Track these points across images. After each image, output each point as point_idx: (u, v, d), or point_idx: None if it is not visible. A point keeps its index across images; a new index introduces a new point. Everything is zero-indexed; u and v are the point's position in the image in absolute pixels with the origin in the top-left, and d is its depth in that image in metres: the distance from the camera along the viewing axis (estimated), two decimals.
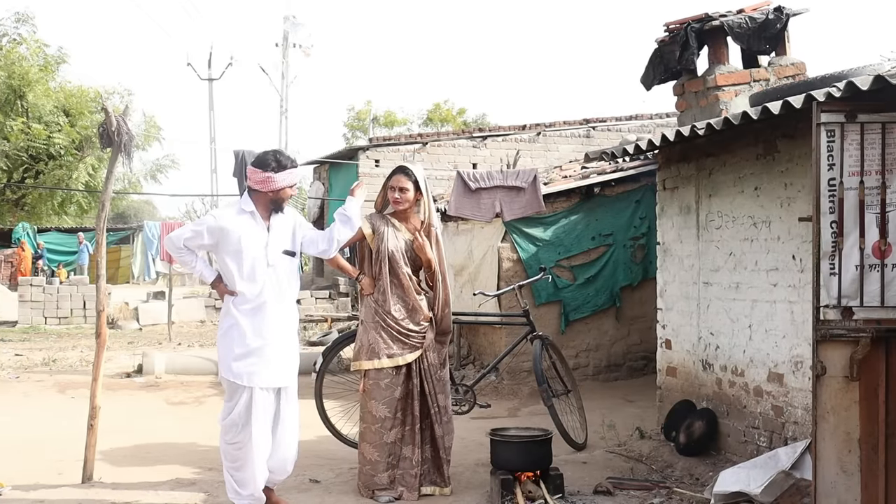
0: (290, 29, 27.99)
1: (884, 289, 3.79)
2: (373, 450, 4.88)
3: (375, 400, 4.88)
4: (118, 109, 5.42)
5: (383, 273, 4.96)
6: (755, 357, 5.19)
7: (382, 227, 5.03)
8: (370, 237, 5.02)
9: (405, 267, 5.00)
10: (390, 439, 4.88)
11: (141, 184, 28.33)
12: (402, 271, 4.98)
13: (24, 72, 22.76)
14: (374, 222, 5.07)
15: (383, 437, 4.87)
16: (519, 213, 8.22)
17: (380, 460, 4.86)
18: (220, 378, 4.62)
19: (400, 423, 4.92)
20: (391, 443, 4.89)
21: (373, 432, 4.88)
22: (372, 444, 4.88)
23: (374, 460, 4.88)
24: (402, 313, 4.96)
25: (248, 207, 4.49)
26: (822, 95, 3.82)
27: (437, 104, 38.80)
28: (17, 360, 11.45)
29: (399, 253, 4.99)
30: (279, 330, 4.48)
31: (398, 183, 5.03)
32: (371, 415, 4.89)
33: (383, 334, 4.91)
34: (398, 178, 5.04)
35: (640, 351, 9.07)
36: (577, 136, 19.87)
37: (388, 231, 5.01)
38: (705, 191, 5.73)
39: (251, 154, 12.06)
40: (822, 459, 3.83)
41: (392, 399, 4.89)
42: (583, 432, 6.36)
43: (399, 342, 4.92)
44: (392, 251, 4.97)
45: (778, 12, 5.67)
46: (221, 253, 4.47)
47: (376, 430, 4.87)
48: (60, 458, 5.75)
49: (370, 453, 4.89)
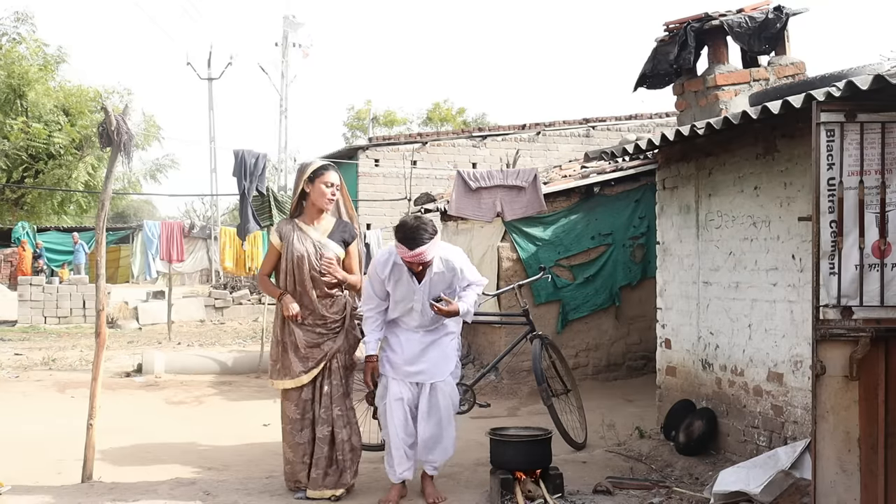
0: (289, 29, 27.94)
1: (883, 288, 3.79)
2: (289, 449, 4.89)
3: (289, 401, 4.88)
4: (118, 109, 5.42)
5: (289, 281, 4.81)
6: (755, 356, 5.19)
7: (289, 233, 4.85)
8: (279, 245, 4.88)
9: (313, 272, 4.80)
10: (303, 440, 4.85)
11: (140, 183, 28.32)
12: (308, 276, 4.80)
13: (24, 71, 22.74)
14: (281, 230, 4.90)
15: (296, 438, 4.85)
16: (520, 213, 8.21)
17: (296, 459, 4.86)
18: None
19: (310, 424, 4.87)
20: (304, 443, 4.85)
21: (287, 432, 4.89)
22: (288, 443, 4.90)
23: (291, 459, 4.88)
24: (310, 326, 4.82)
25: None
26: (822, 95, 3.82)
27: (437, 104, 38.81)
28: (16, 360, 11.44)
29: (306, 257, 4.80)
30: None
31: (333, 179, 4.86)
32: (286, 416, 4.90)
33: (290, 351, 4.82)
34: (332, 175, 4.86)
35: (640, 350, 9.07)
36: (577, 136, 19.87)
37: (294, 235, 4.83)
38: (705, 190, 5.73)
39: (251, 154, 12.05)
40: (822, 459, 3.83)
41: (301, 401, 4.85)
42: (582, 432, 6.36)
43: (303, 360, 4.82)
44: (299, 256, 4.79)
45: (778, 12, 5.67)
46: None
47: (289, 430, 4.88)
48: (60, 458, 5.75)
49: (287, 452, 4.91)
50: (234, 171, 12.03)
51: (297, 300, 4.84)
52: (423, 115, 38.87)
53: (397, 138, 21.05)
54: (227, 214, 39.94)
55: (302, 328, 4.84)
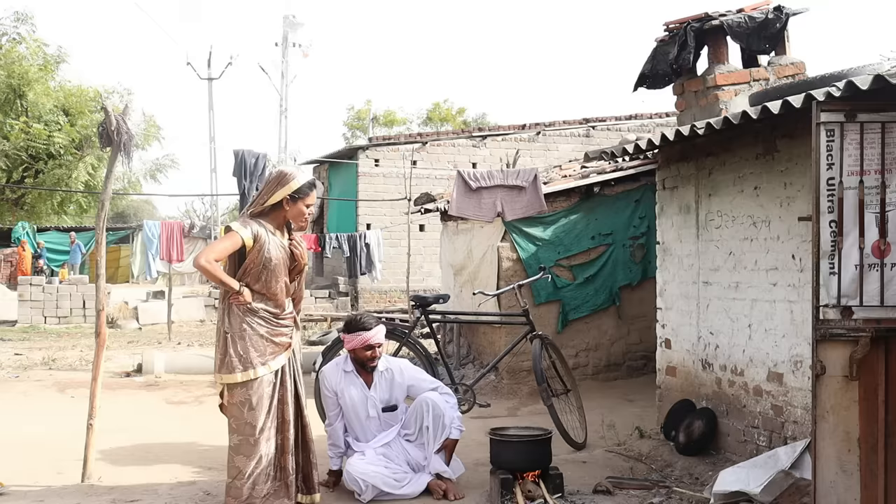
0: (289, 29, 27.97)
1: (883, 288, 3.79)
2: (251, 461, 4.52)
3: (255, 409, 4.53)
4: (118, 109, 5.42)
5: (260, 282, 4.59)
6: (755, 356, 5.19)
7: (263, 234, 4.59)
8: (249, 246, 4.55)
9: (284, 276, 4.67)
10: (271, 449, 4.58)
11: (140, 183, 28.32)
12: (280, 279, 4.65)
13: (24, 71, 22.74)
14: (254, 229, 4.59)
15: (262, 448, 4.53)
16: (521, 213, 8.21)
17: (259, 472, 4.53)
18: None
19: (276, 430, 4.63)
20: (270, 453, 4.58)
21: (251, 444, 4.53)
22: (249, 456, 4.53)
23: (252, 472, 4.52)
24: (271, 319, 4.63)
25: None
26: (822, 95, 3.82)
27: (437, 103, 38.84)
28: (16, 360, 11.45)
29: (281, 262, 4.63)
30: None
31: (314, 200, 4.74)
32: (250, 425, 4.53)
33: (255, 343, 4.56)
34: (314, 196, 4.72)
35: (640, 350, 9.06)
36: (577, 136, 19.88)
37: (269, 239, 4.60)
38: (705, 190, 5.73)
39: (251, 154, 12.06)
40: (822, 459, 3.83)
41: (270, 406, 4.59)
42: (582, 432, 6.36)
43: (270, 346, 4.61)
44: (276, 261, 4.60)
45: (778, 12, 5.67)
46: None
47: (255, 440, 4.53)
48: (60, 458, 5.75)
49: (247, 465, 4.52)
50: (234, 170, 12.06)
51: (264, 301, 4.63)
52: (423, 115, 38.90)
53: (397, 138, 21.06)
54: (227, 214, 39.94)
55: (264, 321, 4.62)
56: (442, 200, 9.78)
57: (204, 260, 4.45)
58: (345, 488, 4.98)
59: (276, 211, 4.67)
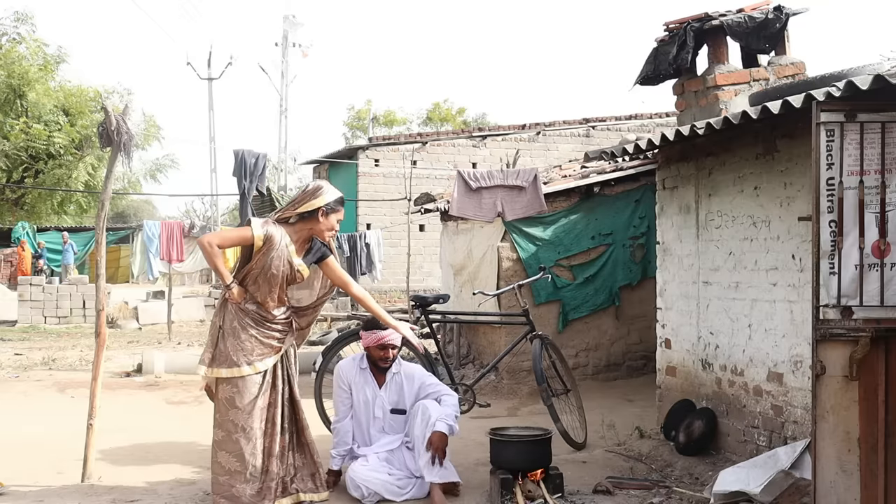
0: (289, 28, 27.97)
1: (883, 288, 3.79)
2: (233, 459, 4.54)
3: (238, 408, 4.54)
4: (118, 109, 5.42)
5: (255, 285, 4.61)
6: (755, 356, 5.19)
7: (276, 241, 4.56)
8: (258, 246, 4.55)
9: (279, 289, 4.67)
10: (257, 449, 4.57)
11: (140, 183, 28.34)
12: (274, 290, 4.65)
13: (24, 71, 22.76)
14: (270, 232, 4.57)
15: (245, 447, 4.54)
16: (521, 213, 8.21)
17: (241, 471, 4.53)
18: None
19: (263, 432, 4.61)
20: (255, 453, 4.57)
21: (233, 441, 4.54)
22: (232, 452, 4.54)
23: (234, 470, 4.54)
24: (261, 321, 4.64)
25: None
26: (822, 95, 3.82)
27: (437, 103, 38.86)
28: (16, 360, 11.45)
29: (280, 276, 4.60)
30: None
31: (342, 216, 4.80)
32: (233, 423, 4.54)
33: (243, 341, 4.57)
34: (342, 211, 4.79)
35: (640, 350, 9.06)
36: (577, 136, 19.89)
37: (280, 249, 4.57)
38: (705, 190, 5.73)
39: (251, 154, 12.05)
40: (822, 459, 3.83)
41: (254, 407, 4.57)
42: (582, 432, 6.36)
43: (259, 347, 4.61)
44: (276, 273, 4.58)
45: (778, 12, 5.67)
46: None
47: (237, 439, 4.53)
48: (60, 458, 5.75)
49: (230, 463, 4.54)
50: (234, 170, 12.05)
51: (257, 302, 4.66)
52: (423, 115, 38.92)
53: (397, 138, 21.07)
54: (227, 214, 39.96)
55: (257, 320, 4.65)
56: (442, 200, 9.78)
57: (207, 241, 4.51)
58: (343, 489, 4.98)
59: (304, 222, 4.68)
